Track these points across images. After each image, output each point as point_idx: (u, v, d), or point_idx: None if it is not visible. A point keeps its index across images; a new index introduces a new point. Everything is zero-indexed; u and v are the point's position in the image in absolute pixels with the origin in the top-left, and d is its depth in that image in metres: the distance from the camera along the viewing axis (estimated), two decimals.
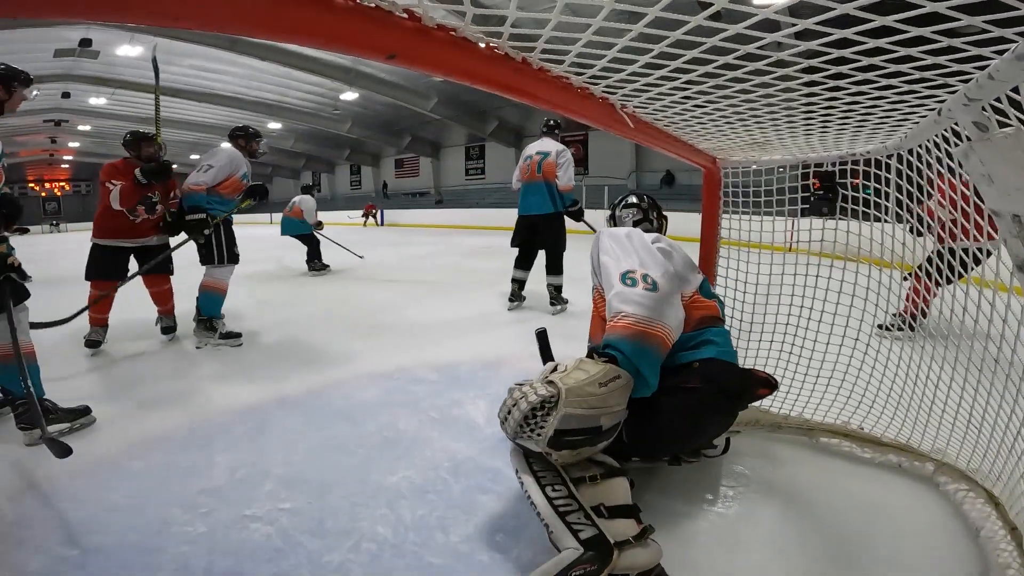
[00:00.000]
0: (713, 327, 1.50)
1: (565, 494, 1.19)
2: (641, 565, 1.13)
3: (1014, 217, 0.73)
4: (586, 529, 1.13)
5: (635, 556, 1.13)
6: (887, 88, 0.81)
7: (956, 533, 1.34)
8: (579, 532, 1.12)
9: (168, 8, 0.45)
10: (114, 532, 1.39)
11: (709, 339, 1.46)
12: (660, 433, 1.39)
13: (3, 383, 2.05)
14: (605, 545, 1.10)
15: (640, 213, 1.82)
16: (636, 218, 1.83)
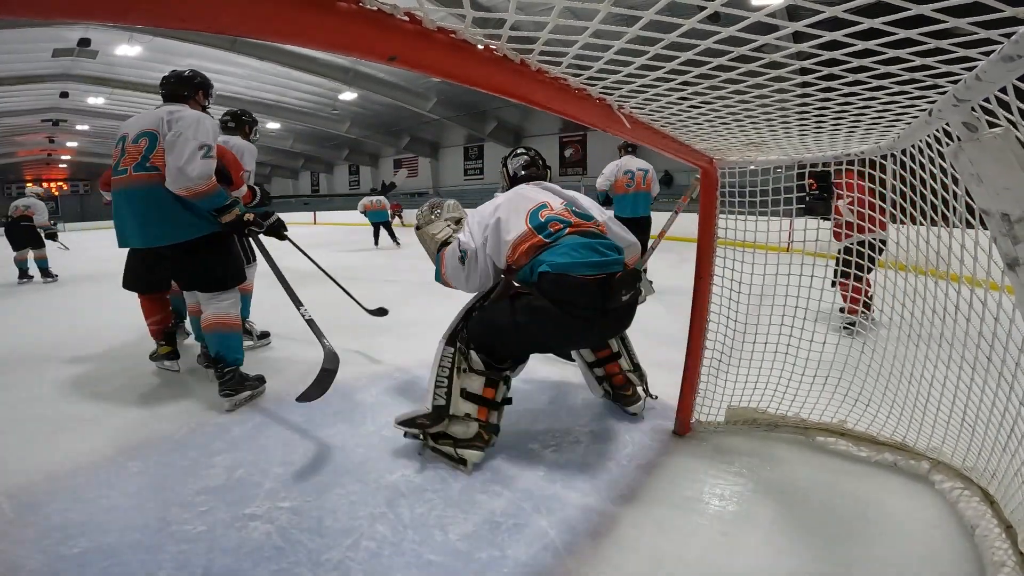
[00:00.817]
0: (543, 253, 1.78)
1: (447, 374, 1.76)
2: (460, 435, 1.75)
3: (1003, 216, 0.74)
4: (440, 399, 1.74)
5: (458, 428, 1.74)
6: (878, 89, 0.83)
7: (951, 531, 1.35)
8: (436, 399, 1.74)
9: (174, 10, 0.46)
10: (114, 531, 1.39)
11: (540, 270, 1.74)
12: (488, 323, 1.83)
13: (221, 349, 2.26)
14: (444, 413, 1.73)
15: (527, 160, 2.22)
16: (523, 163, 2.21)
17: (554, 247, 1.78)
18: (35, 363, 2.90)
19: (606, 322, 1.81)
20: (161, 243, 2.21)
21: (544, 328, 1.76)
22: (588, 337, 1.96)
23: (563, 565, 1.28)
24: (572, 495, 1.57)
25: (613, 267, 1.79)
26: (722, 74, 0.81)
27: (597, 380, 2.18)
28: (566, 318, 1.71)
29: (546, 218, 1.86)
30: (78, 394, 2.43)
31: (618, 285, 1.73)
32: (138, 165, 2.18)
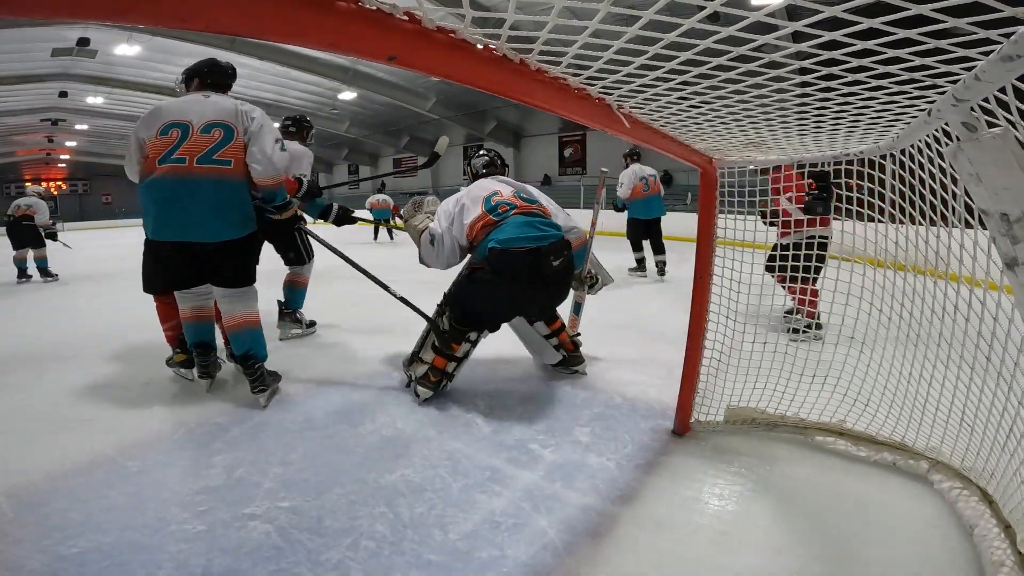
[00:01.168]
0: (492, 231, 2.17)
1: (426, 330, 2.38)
2: (418, 374, 2.28)
3: (1002, 216, 0.74)
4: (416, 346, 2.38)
5: (419, 369, 2.29)
6: (878, 89, 0.83)
7: (950, 531, 1.35)
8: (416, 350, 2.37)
9: (174, 10, 0.46)
10: (113, 531, 1.39)
11: (488, 245, 2.12)
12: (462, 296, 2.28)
13: (253, 347, 2.29)
14: (415, 359, 2.34)
15: (488, 159, 2.66)
16: (484, 162, 2.65)
17: (501, 225, 2.18)
18: (34, 363, 2.90)
19: (544, 287, 2.21)
20: (221, 238, 2.13)
21: (493, 295, 2.19)
22: (531, 301, 2.33)
23: (563, 564, 1.28)
24: (571, 495, 1.57)
25: (548, 240, 2.15)
26: (721, 74, 0.81)
27: (555, 348, 2.56)
28: (509, 284, 2.13)
29: (496, 202, 2.29)
30: (77, 394, 2.42)
31: (548, 252, 2.11)
32: (204, 157, 2.08)
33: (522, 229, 2.14)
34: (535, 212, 2.29)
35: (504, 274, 2.09)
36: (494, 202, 2.28)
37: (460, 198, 2.35)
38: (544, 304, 2.41)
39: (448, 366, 2.25)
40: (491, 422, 2.08)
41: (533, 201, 2.36)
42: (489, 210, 2.25)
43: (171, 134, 2.10)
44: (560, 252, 2.16)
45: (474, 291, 2.22)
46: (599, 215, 3.20)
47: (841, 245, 1.69)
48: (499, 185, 2.39)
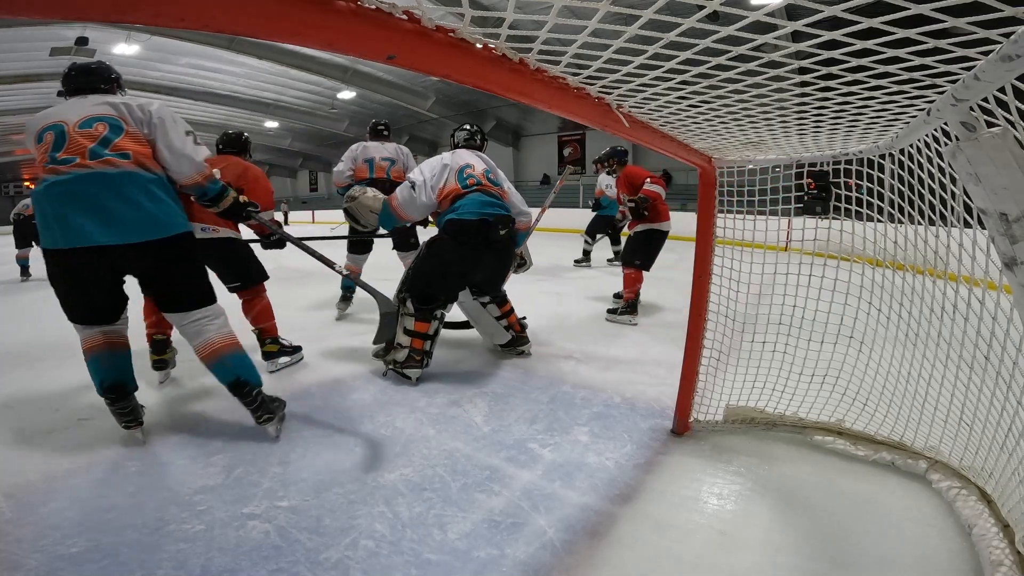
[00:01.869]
0: (458, 200, 2.56)
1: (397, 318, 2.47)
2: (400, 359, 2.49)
3: (1001, 215, 0.74)
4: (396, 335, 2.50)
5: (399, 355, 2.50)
6: (877, 89, 0.83)
7: (949, 530, 1.36)
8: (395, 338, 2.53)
9: (173, 9, 0.46)
10: (112, 530, 1.39)
11: (454, 209, 2.53)
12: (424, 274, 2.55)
13: (242, 373, 1.91)
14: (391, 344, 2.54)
15: (468, 135, 2.96)
16: (465, 136, 2.96)
17: (463, 200, 2.54)
18: (32, 362, 2.90)
19: (491, 255, 2.59)
20: (142, 238, 1.76)
21: (447, 260, 2.51)
22: (478, 266, 2.59)
23: (561, 564, 1.28)
24: (570, 494, 1.58)
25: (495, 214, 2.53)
26: (721, 73, 0.81)
27: (504, 328, 2.83)
28: (461, 249, 2.49)
29: (467, 175, 2.63)
30: (75, 394, 2.42)
31: (495, 223, 2.51)
32: (94, 152, 1.75)
33: (477, 205, 2.53)
34: (494, 193, 2.65)
35: (457, 238, 2.47)
36: (466, 174, 2.63)
37: (444, 159, 2.68)
38: (489, 273, 2.71)
39: (425, 344, 2.50)
40: (490, 421, 2.08)
41: (496, 183, 2.72)
42: (459, 181, 2.61)
43: (45, 138, 1.81)
44: (505, 224, 2.56)
45: (432, 260, 2.53)
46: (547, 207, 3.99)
47: (840, 244, 1.69)
48: (474, 159, 2.74)
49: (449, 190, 2.59)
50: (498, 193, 2.68)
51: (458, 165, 2.66)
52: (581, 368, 2.71)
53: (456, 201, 2.55)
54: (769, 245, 1.80)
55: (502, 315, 2.83)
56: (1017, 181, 0.73)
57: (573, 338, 3.30)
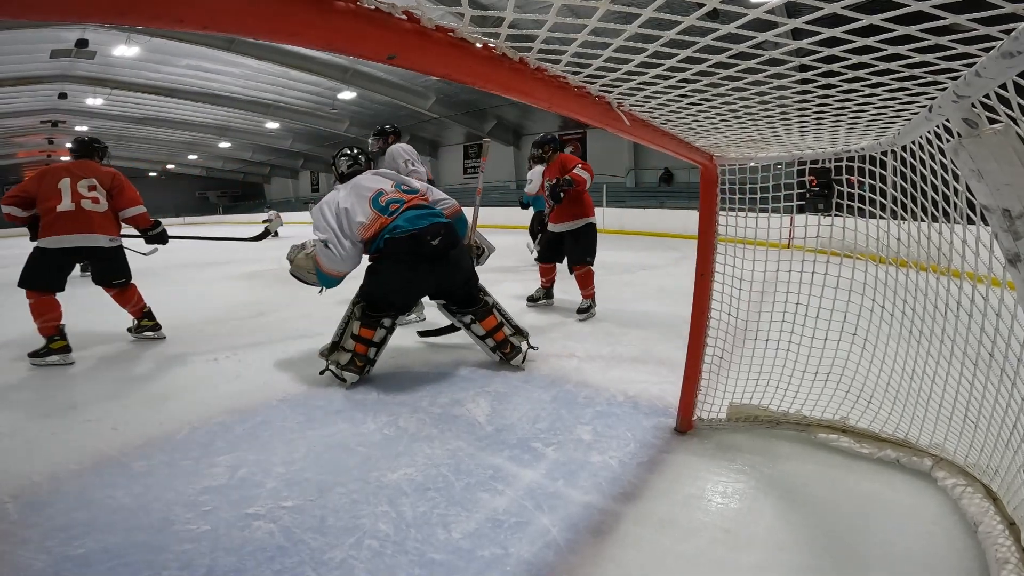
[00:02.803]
0: (385, 229, 2.48)
1: (345, 321, 2.52)
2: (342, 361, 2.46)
3: (1004, 212, 0.74)
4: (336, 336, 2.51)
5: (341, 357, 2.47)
6: (878, 86, 0.82)
7: (954, 528, 1.35)
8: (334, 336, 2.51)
9: (172, 11, 0.46)
10: (118, 531, 1.40)
11: (383, 237, 2.46)
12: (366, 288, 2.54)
13: None
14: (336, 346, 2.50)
15: (351, 158, 2.84)
16: (348, 163, 2.83)
17: (394, 221, 2.48)
18: (35, 365, 2.90)
19: (430, 264, 2.49)
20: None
21: (389, 279, 2.51)
22: (425, 279, 2.55)
23: (565, 562, 1.28)
24: (574, 493, 1.58)
25: (424, 223, 2.47)
26: (721, 71, 0.81)
27: (490, 349, 2.71)
28: (398, 267, 2.47)
29: (386, 201, 2.55)
30: (80, 395, 2.43)
31: (423, 234, 2.43)
32: None
33: (408, 220, 2.49)
34: (420, 203, 2.60)
35: (392, 258, 2.46)
36: (383, 202, 2.55)
37: (340, 200, 2.56)
38: (442, 281, 2.60)
39: (369, 351, 2.49)
40: (493, 421, 2.09)
41: (413, 192, 2.67)
42: (380, 210, 2.52)
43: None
44: (437, 233, 2.47)
45: (375, 280, 2.53)
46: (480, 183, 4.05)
47: (843, 241, 1.69)
48: (379, 182, 2.64)
49: (372, 223, 2.49)
50: (422, 199, 2.63)
51: (366, 196, 2.55)
52: (584, 367, 2.71)
53: (385, 227, 2.47)
54: (771, 243, 1.80)
55: (486, 334, 2.68)
56: (1020, 177, 0.73)
57: (575, 337, 3.30)
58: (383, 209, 2.52)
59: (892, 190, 1.42)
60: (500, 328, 2.70)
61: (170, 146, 23.58)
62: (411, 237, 2.43)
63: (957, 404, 1.37)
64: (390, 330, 2.56)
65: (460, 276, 2.63)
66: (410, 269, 2.47)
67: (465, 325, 2.71)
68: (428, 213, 2.55)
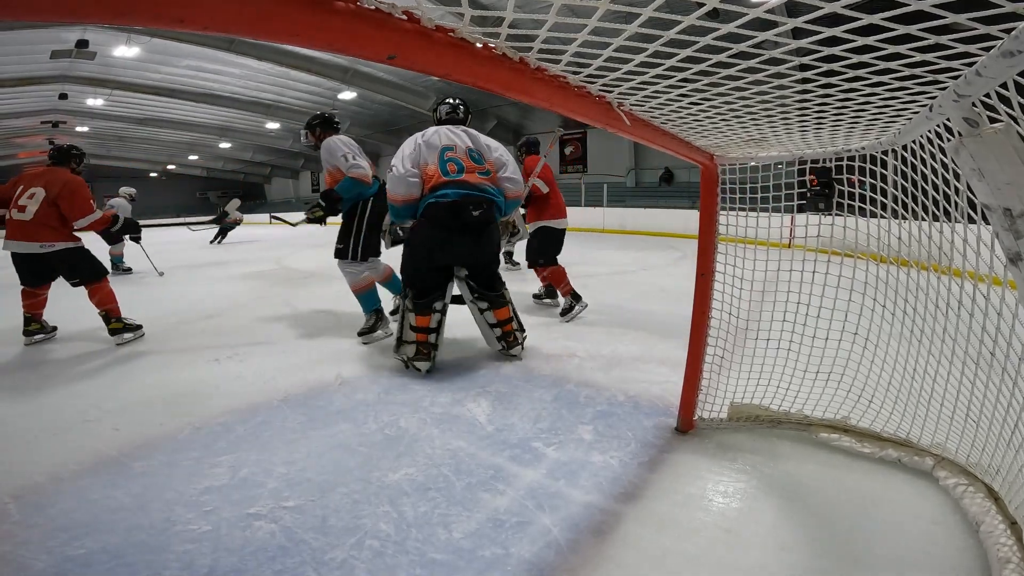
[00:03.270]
0: (434, 190, 2.59)
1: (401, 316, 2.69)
2: (409, 354, 2.62)
3: (1005, 211, 0.74)
4: (398, 332, 2.69)
5: (408, 350, 2.62)
6: (878, 85, 0.82)
7: (956, 528, 1.35)
8: (398, 336, 2.68)
9: (173, 11, 0.46)
10: (119, 531, 1.40)
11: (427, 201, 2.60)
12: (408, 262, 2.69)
13: None
14: (400, 341, 2.66)
15: (451, 108, 2.95)
16: (447, 110, 2.95)
17: (441, 188, 2.57)
18: (38, 364, 2.91)
19: (465, 235, 2.60)
20: None
21: (425, 243, 2.62)
22: (456, 247, 2.63)
23: (566, 562, 1.28)
24: (575, 493, 1.58)
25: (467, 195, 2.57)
26: (721, 71, 0.81)
27: (496, 338, 2.81)
28: (436, 231, 2.58)
29: (448, 158, 2.64)
30: (80, 395, 2.43)
31: (466, 203, 2.55)
32: None
33: (452, 190, 2.58)
34: (472, 181, 2.63)
35: (432, 221, 2.57)
36: (447, 157, 2.65)
37: (418, 141, 2.69)
38: (467, 252, 2.68)
39: (430, 337, 2.60)
40: (494, 420, 2.09)
41: (480, 161, 2.73)
42: (442, 167, 2.63)
43: None
44: (479, 205, 2.58)
45: (411, 247, 2.69)
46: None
47: (843, 241, 1.69)
48: (455, 139, 2.73)
49: (430, 174, 2.61)
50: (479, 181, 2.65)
51: (439, 145, 2.66)
52: (584, 366, 2.71)
53: (435, 190, 2.58)
54: (772, 242, 1.80)
55: (497, 323, 2.79)
56: (1020, 176, 0.73)
57: (576, 336, 3.30)
58: (443, 166, 2.61)
59: (893, 189, 1.42)
60: (510, 321, 2.82)
61: (170, 147, 23.58)
62: (452, 204, 2.53)
63: (958, 403, 1.37)
64: (443, 312, 2.65)
65: (489, 253, 2.77)
66: (445, 232, 2.57)
67: (480, 310, 2.78)
68: (473, 188, 2.62)
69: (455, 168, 2.61)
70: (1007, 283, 0.93)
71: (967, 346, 1.26)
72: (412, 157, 2.64)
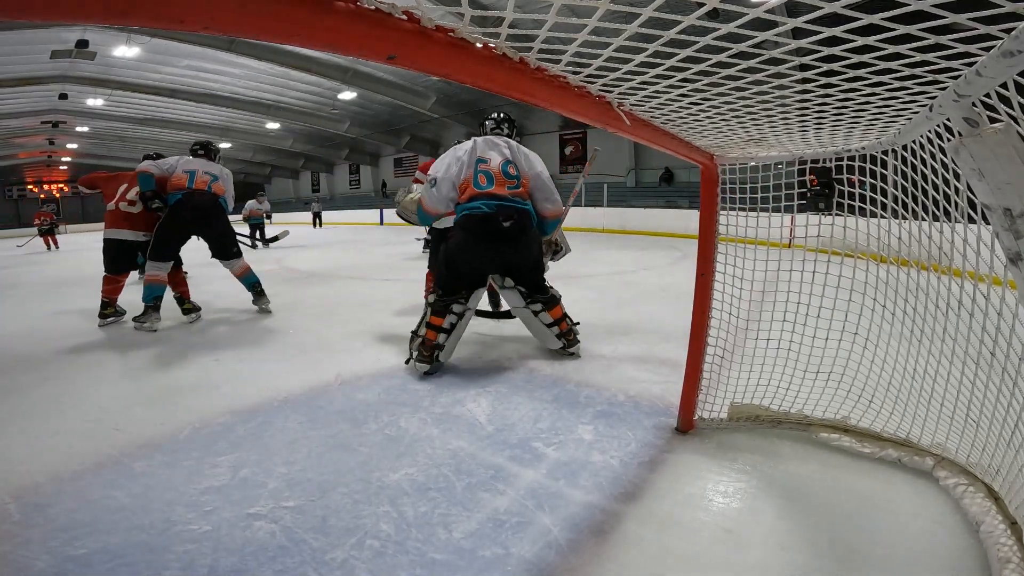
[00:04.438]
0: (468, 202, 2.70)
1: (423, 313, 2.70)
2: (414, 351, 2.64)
3: (1005, 211, 0.74)
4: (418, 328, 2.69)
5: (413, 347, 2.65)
6: (878, 85, 0.82)
7: (956, 528, 1.35)
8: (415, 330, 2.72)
9: (172, 11, 0.46)
10: (119, 531, 1.40)
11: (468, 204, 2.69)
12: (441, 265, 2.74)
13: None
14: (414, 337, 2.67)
15: (495, 123, 3.08)
16: (492, 124, 3.09)
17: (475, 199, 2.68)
18: (38, 364, 2.91)
19: (500, 243, 2.67)
20: None
21: (459, 249, 2.67)
22: (490, 255, 2.69)
23: (567, 562, 1.28)
24: (575, 493, 1.58)
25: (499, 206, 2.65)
26: (721, 71, 0.81)
27: (555, 336, 2.83)
28: (469, 239, 2.65)
29: (481, 170, 2.73)
30: (81, 395, 2.43)
31: (497, 214, 2.62)
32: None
33: (484, 203, 2.67)
34: (503, 194, 2.70)
35: (467, 230, 2.65)
36: (480, 169, 2.74)
37: (459, 154, 2.79)
38: (508, 261, 2.76)
39: (439, 338, 2.60)
40: (494, 420, 2.09)
41: (514, 176, 2.78)
42: (475, 178, 2.73)
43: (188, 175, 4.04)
44: (509, 216, 2.64)
45: (449, 251, 2.71)
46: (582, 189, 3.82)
47: (844, 241, 1.69)
48: (493, 152, 2.80)
49: (465, 184, 2.72)
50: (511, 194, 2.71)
51: (475, 158, 2.75)
52: (584, 366, 2.71)
53: (469, 200, 2.68)
54: (772, 242, 1.80)
55: (553, 322, 2.83)
56: (1020, 176, 0.73)
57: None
58: (476, 177, 2.72)
59: (893, 189, 1.42)
60: (564, 319, 2.87)
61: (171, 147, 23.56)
62: (485, 216, 2.62)
63: (959, 403, 1.37)
64: (461, 316, 2.65)
65: (527, 260, 2.80)
66: (478, 241, 2.65)
67: (534, 313, 2.83)
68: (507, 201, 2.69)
69: (485, 180, 2.70)
70: (1007, 283, 0.93)
71: (967, 346, 1.26)
72: (451, 180, 2.75)
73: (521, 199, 2.76)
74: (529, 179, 2.83)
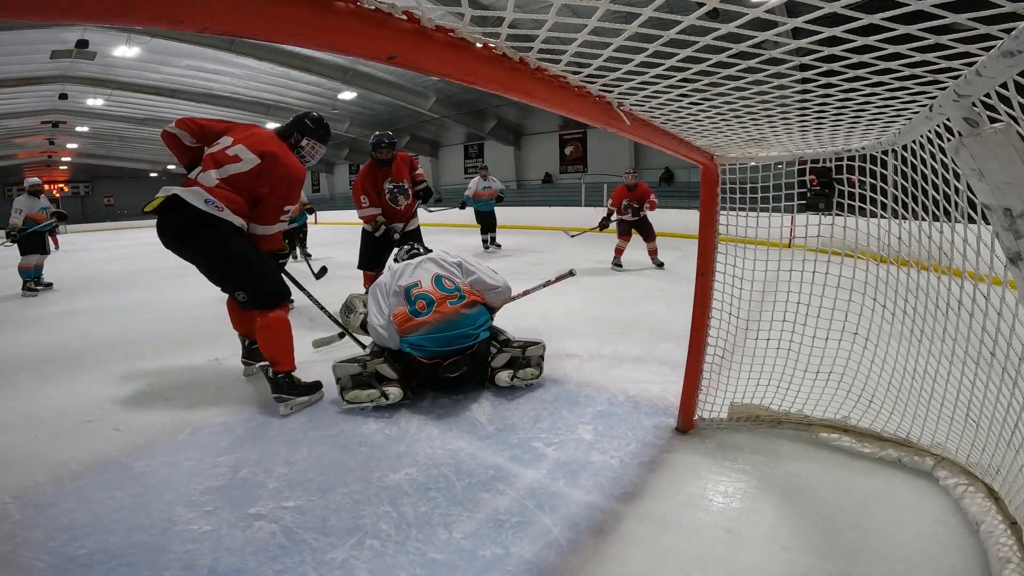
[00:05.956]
0: (409, 336, 2.35)
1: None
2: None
3: (1005, 211, 0.74)
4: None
5: (356, 396, 2.20)
6: (878, 85, 0.82)
7: (956, 528, 1.35)
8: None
9: (172, 11, 0.46)
10: (120, 531, 1.40)
11: (406, 343, 2.34)
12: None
13: None
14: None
15: (408, 249, 2.84)
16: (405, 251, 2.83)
17: (418, 332, 2.31)
18: (39, 365, 2.91)
19: (454, 378, 2.30)
20: None
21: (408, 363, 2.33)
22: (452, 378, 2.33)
23: (567, 562, 1.28)
24: (575, 493, 1.58)
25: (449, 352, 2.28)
26: (721, 71, 0.81)
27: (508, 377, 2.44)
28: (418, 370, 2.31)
29: (416, 295, 2.42)
30: (82, 396, 2.43)
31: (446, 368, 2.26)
32: None
33: (433, 341, 2.30)
34: (448, 314, 2.36)
35: (411, 367, 2.34)
36: (414, 295, 2.43)
37: (388, 285, 2.55)
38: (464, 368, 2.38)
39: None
40: (494, 421, 2.09)
41: (453, 290, 2.48)
42: (409, 305, 2.40)
43: None
44: (459, 366, 2.29)
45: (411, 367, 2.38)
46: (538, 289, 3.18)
47: (844, 241, 1.69)
48: (421, 273, 2.55)
49: (402, 319, 2.36)
50: (457, 305, 2.41)
51: (404, 286, 2.47)
52: (584, 366, 2.71)
53: (409, 333, 2.32)
54: (772, 242, 1.79)
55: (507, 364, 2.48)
56: (1020, 176, 0.73)
57: (576, 336, 3.30)
58: (411, 304, 2.39)
59: (893, 189, 1.42)
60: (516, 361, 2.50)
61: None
62: (432, 366, 2.28)
63: (958, 403, 1.37)
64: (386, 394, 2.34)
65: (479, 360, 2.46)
66: (432, 381, 2.37)
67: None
68: (456, 335, 2.32)
69: (424, 305, 2.38)
70: (1007, 283, 0.93)
71: (967, 346, 1.26)
72: (383, 311, 2.45)
73: (470, 310, 2.43)
74: (468, 285, 2.55)
